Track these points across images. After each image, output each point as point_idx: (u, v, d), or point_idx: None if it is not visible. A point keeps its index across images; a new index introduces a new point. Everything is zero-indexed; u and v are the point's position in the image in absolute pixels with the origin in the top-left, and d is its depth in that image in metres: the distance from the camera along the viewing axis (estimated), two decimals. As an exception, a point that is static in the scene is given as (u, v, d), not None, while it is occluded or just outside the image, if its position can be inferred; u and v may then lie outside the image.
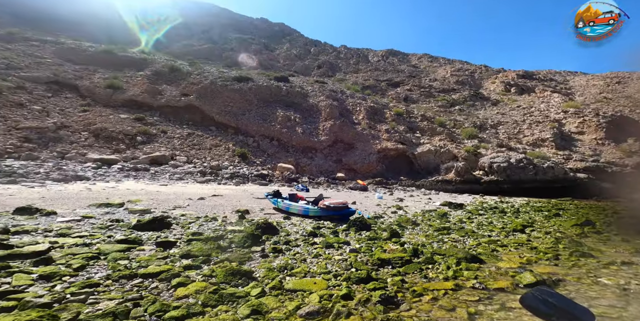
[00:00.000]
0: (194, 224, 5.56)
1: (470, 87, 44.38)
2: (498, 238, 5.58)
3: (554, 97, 38.60)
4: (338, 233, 5.60)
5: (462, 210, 10.50)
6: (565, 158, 24.11)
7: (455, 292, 2.96)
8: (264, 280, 3.06)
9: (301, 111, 28.73)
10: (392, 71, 51.12)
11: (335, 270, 3.50)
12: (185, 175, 15.20)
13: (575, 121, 29.44)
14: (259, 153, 23.58)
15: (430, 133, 28.15)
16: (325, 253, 4.20)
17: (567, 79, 50.54)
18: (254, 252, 4.01)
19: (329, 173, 23.71)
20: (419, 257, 4.13)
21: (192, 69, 30.21)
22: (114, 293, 2.52)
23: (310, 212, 7.02)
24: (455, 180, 22.59)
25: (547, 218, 8.92)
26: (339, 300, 2.66)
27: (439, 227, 6.52)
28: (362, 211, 8.76)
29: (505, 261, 4.07)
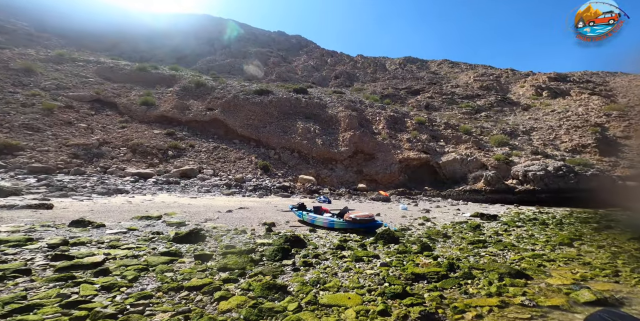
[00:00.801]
0: (225, 236, 5.76)
1: (496, 92, 42.69)
2: (543, 252, 5.17)
3: (592, 99, 35.91)
4: (366, 246, 5.49)
5: (496, 221, 9.87)
6: (612, 165, 21.99)
7: (501, 309, 2.77)
8: (299, 294, 3.07)
9: (320, 122, 29.17)
10: (411, 79, 50.69)
11: (368, 284, 3.43)
12: (212, 187, 15.86)
13: (620, 125, 27.04)
14: (281, 165, 24.09)
15: (455, 141, 27.16)
16: (355, 266, 4.14)
17: (607, 80, 47.00)
18: (285, 266, 4.04)
19: (349, 184, 23.52)
20: (455, 272, 3.93)
21: (216, 84, 32.09)
22: (166, 305, 2.66)
23: (336, 224, 6.98)
24: (485, 189, 21.40)
25: (597, 230, 8.15)
26: (376, 315, 2.59)
27: (473, 240, 6.16)
28: (387, 223, 8.54)
29: (556, 277, 3.75)
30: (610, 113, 29.53)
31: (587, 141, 25.46)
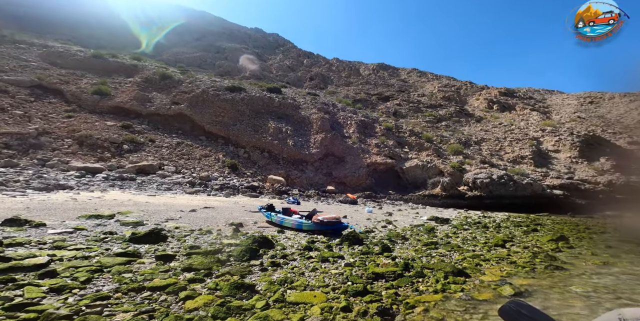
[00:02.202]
0: (189, 237, 5.59)
1: (456, 103, 46.64)
2: (481, 253, 5.90)
3: (532, 115, 41.22)
4: (332, 248, 5.77)
5: (448, 224, 10.84)
6: (543, 175, 25.53)
7: (444, 303, 3.20)
8: (267, 293, 3.20)
9: (293, 123, 29.18)
10: (382, 85, 53.04)
11: (332, 283, 3.68)
12: (174, 185, 14.98)
13: (552, 139, 31.45)
14: (250, 165, 23.58)
15: (418, 148, 29.18)
16: (321, 267, 4.37)
17: (545, 97, 54.28)
18: (253, 266, 4.13)
19: (319, 186, 23.89)
20: (409, 271, 4.35)
21: (183, 77, 30.31)
22: (127, 306, 2.61)
23: (304, 226, 7.17)
24: (442, 194, 23.32)
25: (525, 233, 9.40)
26: (339, 312, 2.84)
27: (427, 242, 6.78)
28: (353, 225, 8.96)
29: (488, 275, 4.38)
30: (545, 128, 34.26)
31: (525, 153, 29.22)
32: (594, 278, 4.43)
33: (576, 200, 22.03)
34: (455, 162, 26.26)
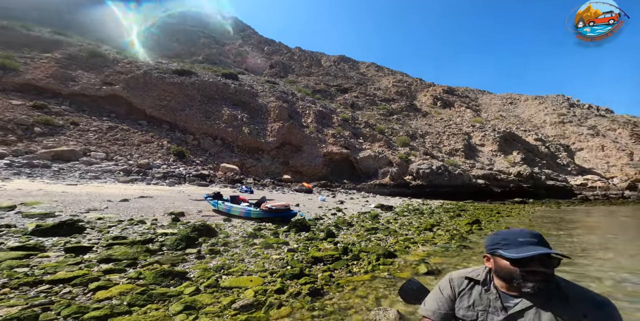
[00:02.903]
0: (115, 228, 5.06)
1: (407, 98, 50.03)
2: (412, 237, 6.55)
3: (467, 112, 46.68)
4: (279, 234, 5.82)
5: (391, 211, 11.78)
6: (471, 166, 29.46)
7: (371, 282, 3.51)
8: (199, 280, 3.12)
9: (249, 111, 27.95)
10: (342, 77, 53.88)
11: (272, 268, 3.74)
12: (103, 173, 13.20)
13: (479, 135, 36.22)
14: (200, 152, 22.01)
15: (372, 139, 30.78)
16: (264, 253, 4.39)
17: (478, 96, 61.76)
18: (188, 254, 3.97)
19: (275, 175, 23.64)
20: (347, 255, 4.63)
21: (120, 57, 26.45)
22: (15, 300, 2.29)
23: (252, 214, 7.07)
24: (390, 184, 25.23)
25: (451, 218, 10.70)
26: (272, 293, 2.92)
27: (369, 228, 7.27)
28: (304, 213, 9.15)
29: (412, 255, 4.91)
30: (475, 124, 39.18)
31: (458, 146, 33.19)
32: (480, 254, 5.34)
33: (494, 189, 26.08)
34: (403, 153, 28.50)
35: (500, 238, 1.20)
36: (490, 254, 1.24)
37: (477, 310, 1.25)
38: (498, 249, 1.18)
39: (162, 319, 2.24)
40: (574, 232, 8.45)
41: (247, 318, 2.40)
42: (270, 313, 2.57)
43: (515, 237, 1.16)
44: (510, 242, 1.15)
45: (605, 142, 39.34)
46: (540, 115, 49.42)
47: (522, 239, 1.14)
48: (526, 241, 1.13)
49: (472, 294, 1.29)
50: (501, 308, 1.20)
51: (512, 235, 1.18)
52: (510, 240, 1.16)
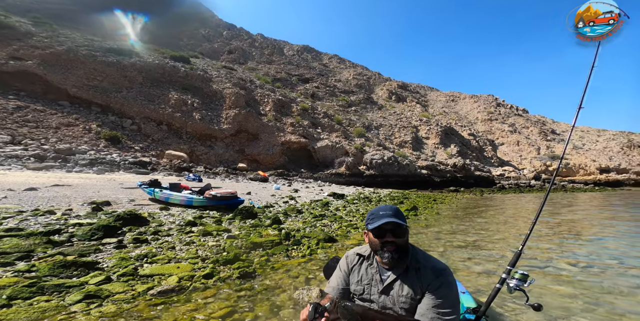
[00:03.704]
0: (12, 219, 4.43)
1: (365, 91, 51.69)
2: (355, 223, 6.95)
3: (417, 107, 50.41)
4: (222, 222, 5.74)
5: (342, 200, 12.27)
6: (417, 157, 32.33)
7: (305, 265, 3.72)
8: (113, 269, 2.98)
9: (202, 96, 25.96)
10: (304, 67, 53.00)
11: (205, 254, 3.72)
12: (7, 159, 11.13)
13: (425, 128, 39.65)
14: (140, 138, 19.87)
15: (330, 130, 31.39)
16: (200, 240, 4.33)
17: (427, 92, 66.90)
18: (105, 244, 3.72)
19: (229, 163, 22.70)
20: (289, 240, 4.80)
21: (38, 30, 22.12)
22: None
23: (195, 202, 6.79)
24: (346, 173, 26.32)
25: (394, 205, 11.83)
26: (200, 278, 2.93)
27: (317, 215, 7.53)
28: (254, 201, 9.10)
29: (352, 239, 5.30)
30: (422, 118, 42.69)
31: (407, 138, 35.97)
32: (414, 237, 6.04)
33: (435, 178, 29.20)
34: (359, 143, 29.80)
35: (370, 214, 1.31)
36: (367, 230, 1.32)
37: (363, 284, 1.35)
38: (367, 224, 1.28)
39: (53, 309, 2.10)
40: (486, 213, 10.12)
41: (164, 302, 2.41)
42: (192, 295, 2.59)
43: (378, 211, 1.27)
44: (375, 216, 1.26)
45: (520, 138, 46.64)
46: (474, 112, 55.98)
47: (382, 212, 1.25)
48: (385, 214, 1.24)
49: (360, 269, 1.38)
50: (379, 281, 1.31)
51: (377, 211, 1.28)
52: (375, 215, 1.26)
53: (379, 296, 1.30)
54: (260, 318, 2.34)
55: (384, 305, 1.29)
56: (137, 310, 2.27)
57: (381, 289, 1.30)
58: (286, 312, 2.43)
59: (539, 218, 1.78)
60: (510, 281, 1.57)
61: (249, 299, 2.66)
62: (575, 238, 5.63)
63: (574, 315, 2.32)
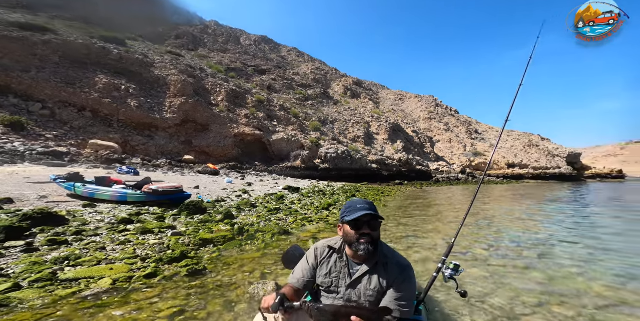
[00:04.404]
0: None
1: (322, 86, 52.21)
2: (310, 216, 7.00)
3: (369, 104, 53.18)
4: (165, 219, 5.21)
5: (298, 193, 12.27)
6: (368, 152, 34.30)
7: (260, 259, 3.61)
8: (22, 276, 2.52)
9: (139, 82, 22.88)
10: (261, 58, 50.80)
11: (145, 254, 3.36)
12: None
13: (376, 124, 42.22)
14: (55, 125, 16.63)
15: (286, 123, 30.94)
16: (138, 239, 3.87)
17: (379, 90, 70.95)
18: (9, 248, 3.11)
19: (174, 155, 20.62)
20: (243, 235, 4.61)
21: None
22: None
23: (130, 197, 6.00)
24: (301, 167, 26.40)
25: (347, 198, 11.99)
26: (140, 279, 2.65)
27: (272, 208, 7.38)
28: (203, 195, 8.49)
29: (306, 232, 5.30)
30: (374, 115, 45.33)
31: (360, 133, 37.81)
32: None
33: (383, 172, 31.49)
34: (314, 137, 30.14)
35: (346, 207, 1.34)
36: (341, 223, 1.35)
37: (332, 277, 1.37)
38: (344, 217, 1.31)
39: None
40: (424, 205, 11.39)
41: (97, 305, 2.11)
42: (132, 296, 2.35)
43: (355, 204, 1.31)
44: (352, 209, 1.29)
45: (452, 136, 53.38)
46: (417, 111, 61.80)
47: (360, 206, 1.30)
48: (362, 207, 1.28)
49: (330, 262, 1.39)
50: (348, 274, 1.34)
51: (354, 204, 1.32)
52: (352, 208, 1.30)
53: (346, 289, 1.33)
54: (214, 315, 2.22)
55: (349, 298, 1.33)
56: (61, 316, 1.97)
57: (349, 282, 1.33)
58: (242, 307, 2.36)
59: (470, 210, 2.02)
60: (446, 271, 1.72)
61: (201, 296, 2.51)
62: (489, 227, 6.51)
63: (487, 295, 2.66)
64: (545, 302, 2.45)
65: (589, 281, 2.96)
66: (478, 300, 2.51)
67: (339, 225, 1.37)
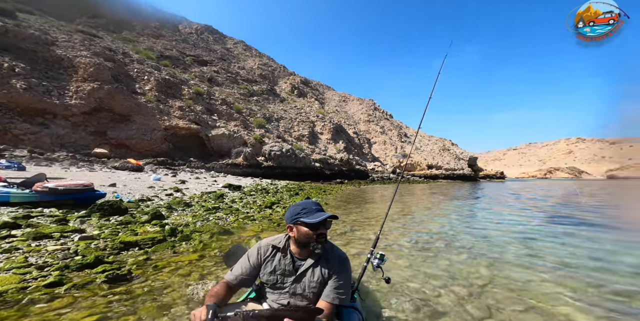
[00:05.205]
0: None
1: (269, 82, 50.82)
2: (253, 214, 6.73)
3: (315, 103, 54.39)
4: (69, 221, 4.28)
5: (239, 191, 11.71)
6: (312, 151, 35.09)
7: (198, 261, 3.33)
8: None
9: (32, 61, 18.42)
10: (203, 48, 46.44)
11: (44, 261, 2.75)
12: None
13: (321, 124, 43.54)
14: None
15: (228, 118, 29.01)
16: (31, 246, 3.11)
17: (325, 91, 73.20)
18: None
19: (79, 148, 17.04)
20: (176, 236, 4.18)
21: None
22: None
23: (13, 197, 4.75)
24: (243, 164, 25.18)
25: (290, 196, 11.84)
26: (40, 289, 2.19)
27: (211, 207, 6.86)
28: (122, 194, 7.28)
29: (249, 231, 5.12)
30: (319, 115, 46.65)
31: (305, 132, 38.35)
32: None
33: (326, 171, 32.68)
34: (258, 134, 29.16)
35: (301, 208, 1.36)
36: (292, 224, 1.37)
37: (277, 274, 1.42)
38: (300, 218, 1.33)
39: None
40: (361, 202, 12.33)
41: None
42: (31, 308, 1.94)
43: (311, 206, 1.36)
44: (309, 211, 1.34)
45: (386, 139, 59.20)
46: (358, 113, 66.30)
47: (315, 207, 1.36)
48: (318, 209, 1.36)
49: (274, 260, 1.44)
50: (293, 270, 1.41)
51: (309, 205, 1.37)
52: (309, 209, 1.34)
53: (292, 284, 1.41)
54: (146, 320, 1.99)
55: (294, 292, 1.40)
56: None
57: (294, 278, 1.40)
58: (178, 310, 2.15)
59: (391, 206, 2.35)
60: (374, 261, 1.90)
61: (127, 303, 2.19)
62: (411, 220, 7.33)
63: (407, 281, 3.06)
64: (449, 284, 2.97)
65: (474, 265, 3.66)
66: (400, 285, 2.90)
67: (289, 226, 1.39)
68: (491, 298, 2.63)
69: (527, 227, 6.49)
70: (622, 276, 3.31)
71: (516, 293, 2.73)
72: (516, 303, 2.53)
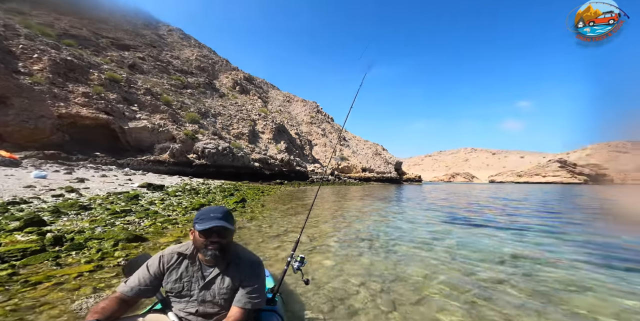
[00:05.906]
0: None
1: (207, 76, 46.58)
2: (176, 217, 6.02)
3: (258, 101, 52.55)
4: None
5: (161, 191, 10.45)
6: (251, 150, 33.77)
7: (94, 273, 2.82)
8: None
9: None
10: (127, 31, 39.34)
11: None
12: None
13: (262, 123, 42.34)
14: None
15: (152, 109, 25.36)
16: None
17: (269, 90, 71.33)
18: None
19: None
20: (62, 245, 3.47)
21: None
22: None
23: None
24: (169, 161, 22.40)
25: (224, 197, 11.03)
26: None
27: (119, 210, 5.90)
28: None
29: (168, 236, 4.51)
30: (261, 113, 45.29)
31: (245, 131, 36.63)
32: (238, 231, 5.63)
33: (265, 171, 31.90)
34: (190, 130, 26.43)
35: (199, 214, 1.34)
36: (192, 229, 1.36)
37: (183, 282, 1.37)
38: (195, 223, 1.31)
39: None
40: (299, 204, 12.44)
41: None
42: None
43: (209, 213, 1.32)
44: (204, 217, 1.30)
45: (327, 141, 61.65)
46: (301, 115, 67.10)
47: (213, 215, 1.30)
48: (215, 216, 1.30)
49: (180, 268, 1.39)
50: (201, 277, 1.38)
51: (208, 212, 1.33)
52: (205, 216, 1.31)
53: (200, 291, 1.37)
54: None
55: (203, 299, 1.37)
56: None
57: (202, 285, 1.37)
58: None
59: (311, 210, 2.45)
60: (294, 264, 1.95)
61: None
62: (343, 221, 7.58)
63: (330, 280, 3.18)
64: (366, 281, 3.19)
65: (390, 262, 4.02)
66: (322, 285, 3.01)
67: (191, 230, 1.38)
68: (396, 292, 2.91)
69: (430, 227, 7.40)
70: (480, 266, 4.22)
71: (414, 286, 3.10)
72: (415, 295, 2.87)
